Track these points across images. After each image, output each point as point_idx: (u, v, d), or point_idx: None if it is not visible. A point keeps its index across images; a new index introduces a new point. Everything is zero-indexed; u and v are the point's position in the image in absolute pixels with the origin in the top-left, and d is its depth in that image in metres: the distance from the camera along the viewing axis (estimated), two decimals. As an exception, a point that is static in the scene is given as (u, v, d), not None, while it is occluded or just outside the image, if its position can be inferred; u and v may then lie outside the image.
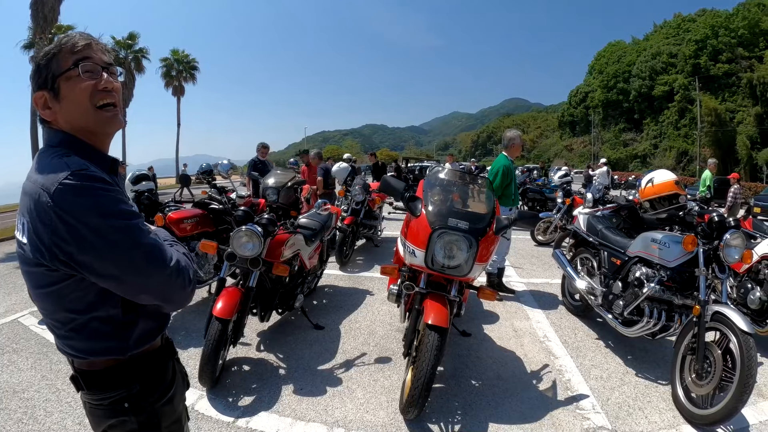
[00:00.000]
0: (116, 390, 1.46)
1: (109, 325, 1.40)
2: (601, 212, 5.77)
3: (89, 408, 1.52)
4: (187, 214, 5.72)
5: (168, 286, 1.38)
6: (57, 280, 1.30)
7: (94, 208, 1.22)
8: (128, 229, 1.28)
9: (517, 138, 6.57)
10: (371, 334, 5.04)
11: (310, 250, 5.25)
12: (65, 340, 1.42)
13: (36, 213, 1.23)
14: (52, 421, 3.65)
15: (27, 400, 4.00)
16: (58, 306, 1.36)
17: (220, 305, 3.83)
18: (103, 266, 1.26)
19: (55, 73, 1.35)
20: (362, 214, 8.55)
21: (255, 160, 10.29)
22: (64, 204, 1.20)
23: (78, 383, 1.48)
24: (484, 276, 6.38)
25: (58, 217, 1.20)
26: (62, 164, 1.25)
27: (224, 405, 3.72)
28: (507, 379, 4.09)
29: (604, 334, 5.02)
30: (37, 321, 5.90)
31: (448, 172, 4.62)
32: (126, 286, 1.32)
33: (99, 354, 1.42)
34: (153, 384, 1.53)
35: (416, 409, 3.27)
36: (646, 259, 4.27)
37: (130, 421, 1.48)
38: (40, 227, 1.23)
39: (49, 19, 17.30)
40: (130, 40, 38.01)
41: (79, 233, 1.21)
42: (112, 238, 1.24)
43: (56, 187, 1.20)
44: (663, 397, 3.81)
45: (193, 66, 46.79)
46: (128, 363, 1.47)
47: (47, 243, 1.23)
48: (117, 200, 1.28)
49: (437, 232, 3.54)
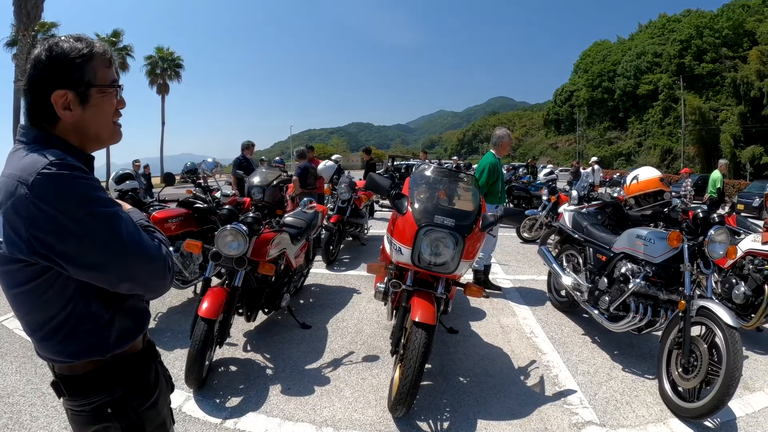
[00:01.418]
0: (98, 395, 1.44)
1: (88, 323, 1.38)
2: (586, 209, 5.82)
3: (71, 414, 1.50)
4: (172, 213, 5.67)
5: (149, 273, 1.37)
6: (34, 276, 1.28)
7: (73, 197, 1.21)
8: (108, 216, 1.26)
9: (506, 136, 6.58)
10: (358, 333, 5.03)
11: (296, 248, 5.22)
12: (44, 342, 1.39)
13: (12, 206, 1.20)
14: (38, 425, 3.60)
15: (12, 405, 3.94)
16: (36, 305, 1.33)
17: (206, 305, 3.79)
18: (84, 255, 1.24)
19: (92, 82, 1.36)
20: (349, 213, 8.54)
21: (240, 158, 10.25)
22: (44, 193, 1.18)
23: (59, 389, 1.47)
24: (470, 273, 6.38)
25: (36, 207, 1.18)
26: (40, 156, 1.24)
27: (212, 406, 3.69)
28: (495, 376, 4.10)
29: (591, 329, 5.05)
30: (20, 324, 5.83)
31: (434, 169, 4.61)
32: (107, 274, 1.30)
33: (80, 355, 1.40)
34: (136, 388, 1.51)
35: (404, 407, 3.27)
36: (631, 255, 4.30)
37: (114, 427, 1.46)
38: (16, 220, 1.20)
39: (33, 15, 17.11)
40: (114, 37, 37.79)
41: (58, 222, 1.19)
42: (92, 226, 1.23)
43: (34, 177, 1.19)
44: (650, 391, 3.84)
45: (178, 64, 46.57)
46: (110, 366, 1.45)
47: (25, 236, 1.20)
48: (95, 188, 1.26)
49: (423, 229, 3.54)
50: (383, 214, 13.23)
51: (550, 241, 7.51)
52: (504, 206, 6.39)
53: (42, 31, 29.12)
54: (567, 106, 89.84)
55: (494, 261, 7.98)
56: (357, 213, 9.05)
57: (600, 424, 3.40)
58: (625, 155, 69.10)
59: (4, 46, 29.20)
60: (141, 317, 1.56)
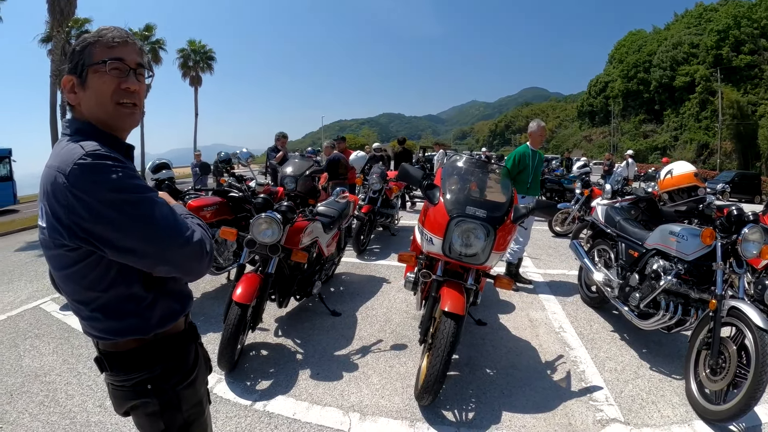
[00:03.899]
0: (139, 371, 1.50)
1: (131, 303, 1.44)
2: (619, 204, 5.73)
3: (112, 389, 1.57)
4: (207, 201, 5.79)
5: (186, 257, 1.41)
6: (78, 260, 1.35)
7: (108, 184, 1.26)
8: (143, 202, 1.32)
9: (536, 127, 6.57)
10: (387, 321, 5.08)
11: (328, 237, 5.30)
12: (90, 321, 1.46)
13: (53, 195, 1.27)
14: (73, 403, 3.74)
15: (49, 383, 4.09)
16: (80, 286, 1.40)
17: (240, 291, 3.90)
18: (122, 240, 1.30)
19: (86, 63, 1.41)
20: (379, 203, 8.58)
21: (273, 149, 10.35)
22: (80, 183, 1.24)
23: (102, 364, 1.53)
24: (501, 266, 6.37)
25: (73, 195, 1.24)
26: (77, 147, 1.30)
27: (242, 388, 3.79)
28: (521, 369, 4.10)
29: (620, 326, 5.00)
30: (59, 307, 6.02)
31: (467, 160, 4.61)
32: (144, 258, 1.35)
33: (123, 333, 1.46)
34: (175, 367, 1.58)
35: (431, 396, 3.31)
36: (663, 252, 4.23)
37: (152, 403, 1.53)
38: (57, 208, 1.27)
39: (66, 12, 17.38)
40: (147, 31, 38.13)
41: (95, 209, 1.25)
42: (128, 212, 1.28)
43: (71, 168, 1.25)
44: (676, 391, 3.78)
45: (209, 56, 46.83)
46: (152, 344, 1.51)
47: (65, 222, 1.27)
48: (129, 175, 1.31)
49: (455, 220, 3.55)
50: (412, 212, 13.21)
51: (582, 236, 7.43)
52: (537, 199, 6.33)
53: (75, 27, 29.75)
54: (601, 98, 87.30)
55: (525, 254, 7.95)
56: (388, 203, 9.10)
57: (624, 422, 3.37)
58: (661, 149, 66.70)
59: (39, 42, 29.92)
60: (183, 299, 1.63)
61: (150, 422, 1.57)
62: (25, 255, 10.28)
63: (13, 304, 6.43)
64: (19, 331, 5.40)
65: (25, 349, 4.85)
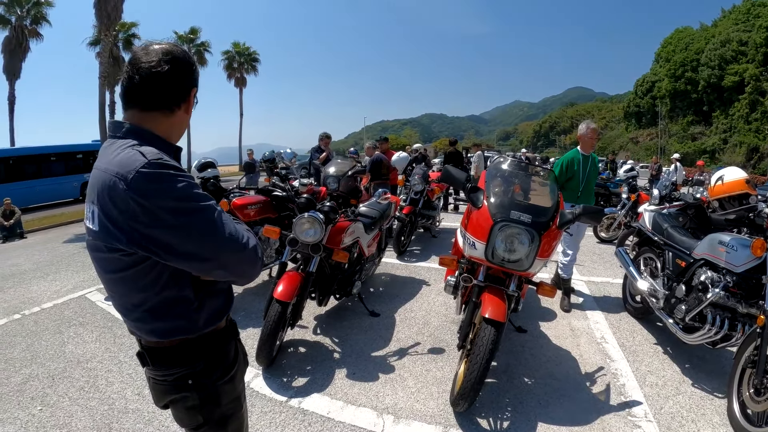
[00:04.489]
0: (181, 367, 1.54)
1: (180, 306, 1.48)
2: (667, 210, 5.55)
3: (153, 383, 1.61)
4: (251, 200, 5.89)
5: (242, 262, 1.47)
6: (132, 264, 1.38)
7: (173, 192, 1.30)
8: (206, 210, 1.36)
9: (584, 129, 5.84)
10: (426, 324, 5.05)
11: (369, 238, 5.33)
12: (138, 322, 1.50)
13: (110, 200, 1.30)
14: (112, 390, 3.86)
15: (90, 370, 4.24)
16: (131, 289, 1.44)
17: (281, 288, 3.95)
18: (183, 246, 1.33)
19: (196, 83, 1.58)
20: (421, 204, 8.52)
21: (317, 149, 10.44)
22: (143, 190, 1.27)
23: (144, 359, 1.57)
24: (543, 272, 6.25)
25: (135, 202, 1.27)
26: (136, 153, 1.33)
27: (278, 384, 3.85)
28: (560, 379, 4.01)
29: (663, 339, 4.83)
30: (103, 297, 6.22)
31: (511, 163, 4.52)
32: (204, 263, 1.40)
33: (171, 334, 1.51)
34: (216, 363, 1.61)
35: (467, 402, 3.27)
36: (712, 263, 4.04)
37: (192, 398, 1.57)
38: (115, 213, 1.30)
39: (113, 17, 17.90)
40: (192, 34, 39.14)
41: (158, 216, 1.28)
42: (191, 219, 1.33)
43: (133, 175, 1.27)
44: (718, 410, 3.62)
45: (254, 58, 47.55)
46: (194, 341, 1.55)
47: (124, 227, 1.30)
48: (190, 185, 1.36)
49: (499, 224, 3.48)
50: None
51: (627, 243, 7.23)
52: None
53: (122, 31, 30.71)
54: (648, 98, 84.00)
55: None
56: (429, 205, 9.02)
57: (662, 441, 3.26)
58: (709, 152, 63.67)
59: (87, 45, 31.13)
60: (228, 300, 1.67)
61: (189, 416, 1.61)
62: (72, 246, 10.66)
63: (59, 293, 6.68)
64: (64, 318, 5.60)
65: (68, 336, 5.03)
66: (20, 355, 4.66)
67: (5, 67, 30.08)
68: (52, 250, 10.45)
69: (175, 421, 1.70)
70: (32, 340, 5.01)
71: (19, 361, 4.53)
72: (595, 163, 5.85)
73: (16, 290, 7.07)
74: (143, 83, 1.43)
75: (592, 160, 5.79)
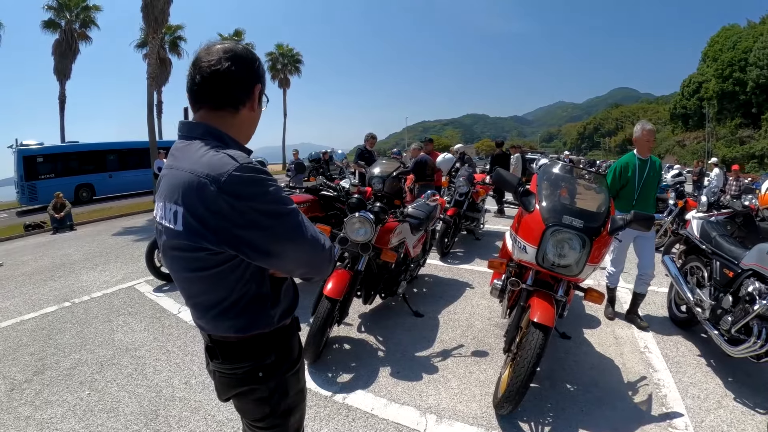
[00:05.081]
0: (251, 360, 1.60)
1: (258, 303, 1.55)
2: (715, 218, 5.40)
3: (219, 376, 1.66)
4: (300, 199, 6.01)
5: (322, 260, 1.53)
6: (219, 263, 1.44)
7: (266, 195, 1.37)
8: (293, 213, 1.43)
9: (639, 131, 5.32)
10: (469, 327, 5.06)
11: (415, 239, 5.37)
12: (215, 320, 1.56)
13: (200, 201, 1.35)
14: (160, 378, 4.01)
15: (138, 358, 4.40)
16: (213, 287, 1.50)
17: (331, 285, 4.03)
18: (272, 245, 1.40)
19: (263, 82, 1.61)
20: (465, 206, 8.47)
21: (362, 149, 10.50)
22: (236, 192, 1.33)
23: (214, 353, 1.63)
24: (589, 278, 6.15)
25: (227, 203, 1.33)
26: (225, 156, 1.38)
27: (324, 380, 3.92)
28: (602, 387, 3.97)
29: (708, 351, 4.71)
30: (152, 288, 6.41)
31: (563, 167, 4.49)
32: (288, 261, 1.48)
33: (249, 330, 1.57)
34: (285, 356, 1.67)
35: (511, 406, 3.27)
36: (760, 273, 3.92)
37: (260, 390, 1.62)
38: (205, 213, 1.35)
39: (160, 20, 18.38)
40: (236, 36, 39.72)
41: (250, 217, 1.35)
42: (282, 221, 1.40)
43: (226, 178, 1.33)
44: (759, 426, 3.52)
45: (297, 59, 48.13)
46: (265, 336, 1.61)
47: (214, 227, 1.36)
48: (281, 188, 1.42)
49: (551, 229, 3.48)
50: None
51: (674, 250, 7.07)
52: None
53: (168, 33, 31.51)
54: (695, 99, 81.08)
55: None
56: (474, 207, 8.95)
57: (701, 455, 3.19)
58: (758, 157, 61.22)
59: (135, 47, 32.13)
60: (295, 296, 1.74)
61: (256, 407, 1.66)
62: (121, 239, 11.01)
63: (108, 283, 6.93)
64: (113, 308, 5.81)
65: (118, 325, 5.22)
66: (70, 341, 4.86)
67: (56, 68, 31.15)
68: (101, 243, 10.80)
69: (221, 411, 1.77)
70: (82, 327, 5.22)
71: (69, 346, 4.73)
72: (655, 168, 5.33)
73: (66, 279, 7.36)
74: (205, 82, 1.47)
75: (651, 165, 5.29)
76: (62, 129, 31.42)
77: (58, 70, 31.18)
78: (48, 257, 9.56)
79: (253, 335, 1.58)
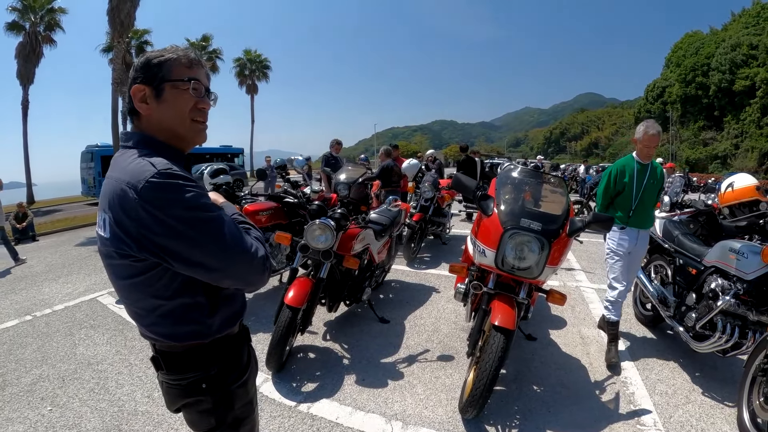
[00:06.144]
0: (195, 371, 1.56)
1: (194, 311, 1.50)
2: (678, 217, 5.51)
3: (166, 387, 1.63)
4: (263, 206, 5.95)
5: (250, 271, 1.47)
6: (144, 270, 1.40)
7: (182, 202, 1.32)
8: (214, 220, 1.38)
9: (641, 133, 4.47)
10: (435, 331, 5.06)
11: (379, 244, 5.35)
12: (151, 326, 1.52)
13: (121, 208, 1.32)
14: (122, 392, 3.91)
15: (100, 372, 4.30)
16: (144, 294, 1.46)
17: (292, 294, 3.99)
18: (193, 255, 1.36)
19: (165, 77, 1.48)
20: (431, 211, 8.49)
21: (328, 155, 10.47)
22: (152, 199, 1.30)
23: (158, 364, 1.59)
24: (553, 279, 6.21)
25: (145, 211, 1.29)
26: (147, 164, 1.35)
27: (288, 389, 3.88)
28: (569, 387, 4.00)
29: (674, 347, 4.79)
30: (114, 300, 6.29)
31: (522, 170, 4.51)
32: (213, 272, 1.41)
33: (184, 339, 1.52)
34: (230, 367, 1.63)
35: (476, 410, 3.26)
36: (722, 270, 4.01)
37: (206, 401, 1.59)
38: (126, 221, 1.32)
39: (126, 24, 18.12)
40: (204, 41, 39.49)
41: (168, 225, 1.31)
42: (200, 229, 1.34)
43: (143, 185, 1.30)
44: (728, 419, 3.58)
45: (265, 65, 48.07)
46: (208, 346, 1.57)
47: (135, 235, 1.33)
48: (200, 195, 1.37)
49: (509, 232, 3.48)
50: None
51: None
52: (594, 211, 4.54)
53: (135, 38, 31.03)
54: (659, 103, 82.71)
55: (579, 268, 7.79)
56: (439, 212, 8.99)
57: (671, 450, 3.24)
58: (721, 158, 62.96)
59: (101, 52, 31.54)
60: (240, 305, 1.70)
61: (202, 419, 1.63)
62: (84, 250, 10.78)
63: (71, 296, 6.77)
64: (75, 321, 5.68)
65: (79, 338, 5.10)
66: (31, 355, 4.73)
67: (19, 73, 30.40)
68: (64, 253, 10.57)
69: (185, 425, 1.73)
70: (43, 342, 5.08)
71: (30, 361, 4.60)
72: (656, 175, 4.56)
73: (27, 292, 7.17)
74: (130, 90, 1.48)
75: (651, 170, 4.55)
76: (25, 135, 30.64)
77: (22, 74, 30.42)
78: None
79: (192, 345, 1.54)
